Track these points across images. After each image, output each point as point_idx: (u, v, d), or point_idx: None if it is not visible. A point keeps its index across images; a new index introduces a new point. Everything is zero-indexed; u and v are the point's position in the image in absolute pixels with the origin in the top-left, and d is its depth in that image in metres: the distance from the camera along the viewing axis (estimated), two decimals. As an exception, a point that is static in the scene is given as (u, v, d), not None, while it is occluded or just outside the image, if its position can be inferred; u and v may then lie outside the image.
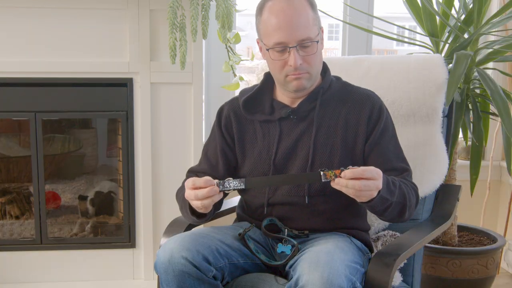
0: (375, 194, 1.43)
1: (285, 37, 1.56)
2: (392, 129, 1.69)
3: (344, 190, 1.41)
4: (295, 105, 1.68)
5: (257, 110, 1.72)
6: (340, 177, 1.40)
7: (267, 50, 1.60)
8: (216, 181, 1.48)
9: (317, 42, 1.59)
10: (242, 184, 1.48)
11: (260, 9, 1.62)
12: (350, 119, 1.65)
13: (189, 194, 1.51)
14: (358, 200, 1.44)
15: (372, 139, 1.64)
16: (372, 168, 1.42)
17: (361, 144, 1.64)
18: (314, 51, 1.59)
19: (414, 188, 1.63)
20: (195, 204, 1.51)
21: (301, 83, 1.61)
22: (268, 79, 1.74)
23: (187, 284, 1.43)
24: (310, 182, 1.56)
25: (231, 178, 1.50)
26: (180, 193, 1.67)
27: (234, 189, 1.50)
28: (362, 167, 1.40)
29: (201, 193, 1.47)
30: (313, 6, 1.61)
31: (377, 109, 1.66)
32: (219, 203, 1.65)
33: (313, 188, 1.63)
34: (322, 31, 1.66)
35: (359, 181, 1.39)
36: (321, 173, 1.42)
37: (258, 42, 1.68)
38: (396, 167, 1.64)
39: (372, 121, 1.65)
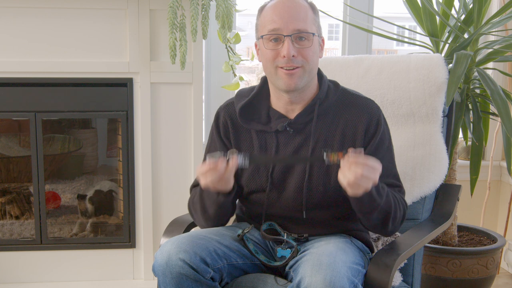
0: (370, 186, 1.42)
1: (281, 24, 1.53)
2: (388, 143, 1.66)
3: (346, 172, 1.40)
4: (290, 115, 1.64)
5: (253, 118, 1.67)
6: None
7: (261, 37, 1.57)
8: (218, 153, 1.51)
9: (313, 34, 1.55)
10: (246, 159, 1.50)
11: (261, 9, 1.62)
12: (347, 132, 1.62)
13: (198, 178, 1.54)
14: (352, 190, 1.42)
15: (366, 152, 1.58)
16: (374, 158, 1.41)
17: None
18: (309, 44, 1.55)
19: (403, 204, 1.62)
20: (202, 182, 1.52)
21: (292, 81, 1.55)
22: (265, 83, 1.69)
23: (185, 286, 1.44)
24: (313, 162, 1.58)
25: (236, 151, 1.52)
26: (192, 201, 1.69)
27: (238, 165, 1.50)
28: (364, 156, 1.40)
29: (202, 168, 1.50)
30: (314, 9, 1.60)
31: (375, 123, 1.62)
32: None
33: (310, 202, 1.61)
34: (323, 42, 1.64)
35: (361, 167, 1.38)
36: (324, 154, 1.41)
37: (255, 46, 1.65)
38: (388, 183, 1.61)
39: (368, 134, 1.61)
